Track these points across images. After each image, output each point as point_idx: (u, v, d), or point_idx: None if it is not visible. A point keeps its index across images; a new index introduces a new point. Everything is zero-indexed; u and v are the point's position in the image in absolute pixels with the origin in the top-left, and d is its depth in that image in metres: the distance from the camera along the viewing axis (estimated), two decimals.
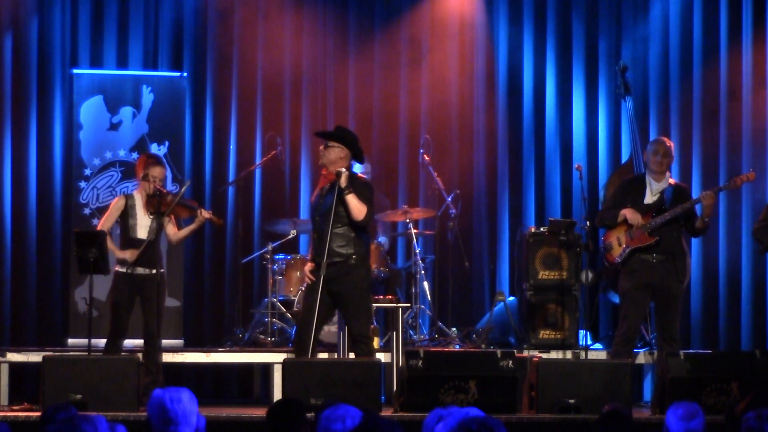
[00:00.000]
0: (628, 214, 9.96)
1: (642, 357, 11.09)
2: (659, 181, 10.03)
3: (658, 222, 9.90)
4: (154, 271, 9.73)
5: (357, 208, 9.24)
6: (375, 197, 12.03)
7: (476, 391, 9.07)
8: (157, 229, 9.81)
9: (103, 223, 9.98)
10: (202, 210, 9.86)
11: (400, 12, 12.80)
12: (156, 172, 9.87)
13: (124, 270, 9.81)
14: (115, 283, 9.83)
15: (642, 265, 9.89)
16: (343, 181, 9.21)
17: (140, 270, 9.77)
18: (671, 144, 10.20)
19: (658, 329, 10.12)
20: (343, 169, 9.25)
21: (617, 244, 10.00)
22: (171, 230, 9.97)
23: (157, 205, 9.75)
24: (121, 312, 9.76)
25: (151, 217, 9.80)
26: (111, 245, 9.80)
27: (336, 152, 9.33)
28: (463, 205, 12.27)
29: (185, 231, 10.03)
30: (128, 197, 9.98)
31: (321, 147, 9.42)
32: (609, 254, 10.05)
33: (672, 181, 10.15)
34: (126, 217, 9.90)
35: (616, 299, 11.59)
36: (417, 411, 8.69)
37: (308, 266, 9.48)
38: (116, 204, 9.99)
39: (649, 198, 10.04)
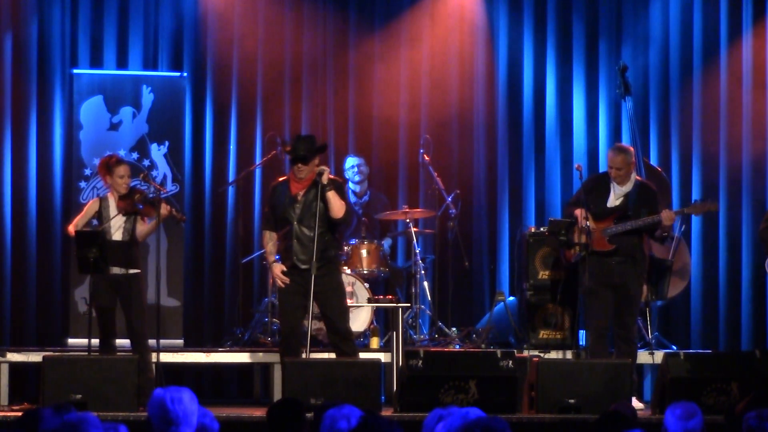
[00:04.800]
0: (579, 215, 9.94)
1: (642, 357, 11.08)
2: (623, 185, 9.98)
3: (617, 230, 9.85)
4: (129, 271, 9.75)
5: (338, 205, 9.36)
6: (373, 195, 12.13)
7: (476, 391, 9.08)
8: (131, 229, 9.80)
9: (76, 224, 9.93)
10: (162, 207, 9.78)
11: (400, 12, 12.79)
12: (121, 170, 9.84)
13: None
14: (93, 285, 9.78)
15: (601, 266, 9.85)
16: (325, 179, 9.35)
17: (116, 270, 9.76)
18: (628, 149, 10.08)
19: (615, 328, 10.13)
20: (325, 168, 9.41)
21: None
22: (139, 228, 9.93)
23: (131, 204, 9.73)
24: (105, 314, 9.77)
25: (124, 217, 9.80)
26: (83, 220, 9.83)
27: (314, 163, 9.48)
28: (463, 205, 12.27)
29: (148, 227, 9.94)
30: (102, 199, 9.97)
31: (298, 165, 9.41)
32: (567, 252, 10.06)
33: (638, 180, 10.12)
34: (100, 219, 9.89)
35: None
36: (417, 411, 8.70)
37: (279, 268, 9.51)
38: (90, 206, 9.98)
39: (612, 201, 9.97)
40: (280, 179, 9.78)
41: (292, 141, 9.65)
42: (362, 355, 10.10)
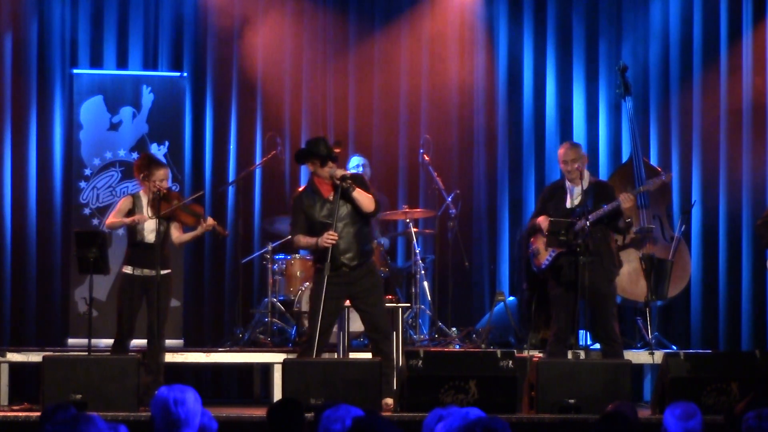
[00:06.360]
0: (543, 222, 10.03)
1: (642, 357, 11.08)
2: (577, 185, 10.08)
3: (580, 225, 9.88)
4: (161, 272, 9.73)
5: (367, 200, 9.42)
6: (373, 195, 12.12)
7: (476, 391, 9.07)
8: (164, 232, 9.80)
9: (111, 223, 9.92)
10: (209, 219, 9.85)
11: (400, 12, 12.80)
12: (161, 174, 9.82)
13: (130, 271, 9.79)
14: (122, 284, 9.81)
15: (569, 268, 9.90)
16: (348, 181, 9.35)
17: (147, 271, 9.76)
18: (576, 146, 10.21)
19: (595, 330, 10.14)
20: (347, 171, 9.39)
21: (543, 248, 10.08)
22: (175, 233, 9.95)
23: (166, 208, 9.73)
24: (129, 313, 9.75)
25: (158, 220, 9.79)
26: (119, 218, 9.81)
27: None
28: (463, 205, 12.27)
29: (188, 236, 10.04)
30: (135, 197, 9.95)
31: (329, 163, 9.41)
32: (536, 259, 10.15)
33: (592, 179, 10.18)
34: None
35: (617, 299, 11.59)
36: (417, 411, 8.69)
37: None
38: (123, 203, 9.95)
39: (570, 202, 10.09)
40: (301, 189, 9.76)
41: (311, 146, 9.51)
42: (362, 355, 10.11)
